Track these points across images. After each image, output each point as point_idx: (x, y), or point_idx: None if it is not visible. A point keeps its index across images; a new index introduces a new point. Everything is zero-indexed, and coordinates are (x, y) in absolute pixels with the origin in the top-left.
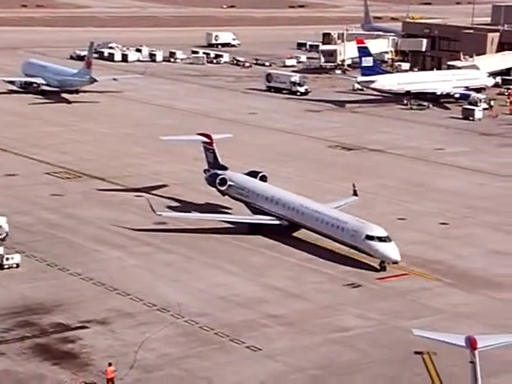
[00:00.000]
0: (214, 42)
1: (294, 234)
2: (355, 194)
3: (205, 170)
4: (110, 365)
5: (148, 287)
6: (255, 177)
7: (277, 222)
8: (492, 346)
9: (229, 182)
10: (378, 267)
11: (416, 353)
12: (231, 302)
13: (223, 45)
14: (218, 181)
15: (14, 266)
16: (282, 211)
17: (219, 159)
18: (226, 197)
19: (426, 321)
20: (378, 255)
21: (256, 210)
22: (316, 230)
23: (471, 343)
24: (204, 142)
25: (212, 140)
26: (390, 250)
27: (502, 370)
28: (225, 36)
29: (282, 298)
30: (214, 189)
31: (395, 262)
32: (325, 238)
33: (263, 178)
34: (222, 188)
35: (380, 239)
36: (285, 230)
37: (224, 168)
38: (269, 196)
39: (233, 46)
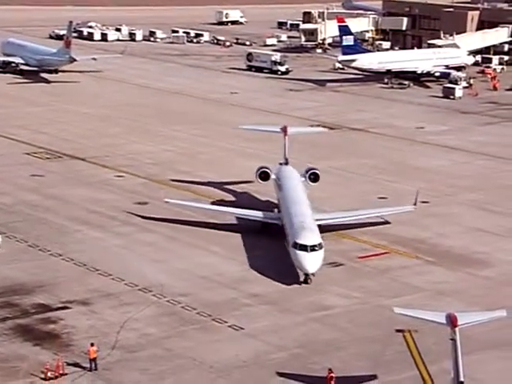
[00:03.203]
0: (224, 19)
1: None
2: (415, 203)
3: (280, 164)
4: (92, 345)
5: (130, 267)
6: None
7: (270, 221)
8: (472, 323)
9: (272, 177)
10: (302, 279)
11: (397, 331)
12: (213, 281)
13: (232, 22)
14: (259, 174)
15: None
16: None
17: (286, 152)
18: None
19: (407, 299)
20: (296, 264)
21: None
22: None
23: (452, 320)
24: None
25: (286, 133)
26: (306, 261)
27: (482, 346)
28: (234, 14)
29: (264, 278)
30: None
31: (312, 274)
32: None
33: (313, 176)
34: (264, 182)
35: (301, 248)
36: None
37: (286, 163)
38: (282, 196)
39: (240, 23)
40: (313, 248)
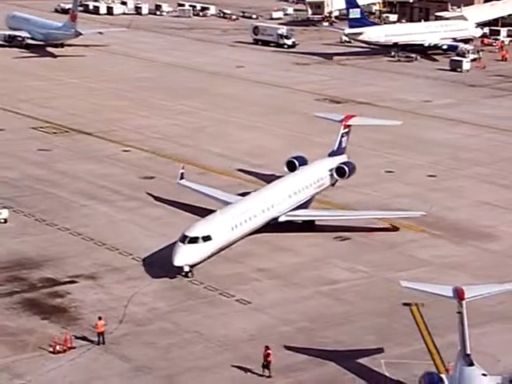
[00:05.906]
0: None
1: None
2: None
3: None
4: (100, 319)
5: (136, 241)
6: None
7: None
8: (479, 296)
9: (298, 168)
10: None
11: (404, 304)
12: (220, 255)
13: None
14: (286, 164)
15: (2, 221)
16: None
17: (336, 144)
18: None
19: (414, 272)
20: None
21: None
22: None
23: (459, 294)
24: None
25: (344, 123)
26: (176, 253)
27: (488, 319)
28: None
29: (271, 252)
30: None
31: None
32: None
33: (340, 171)
34: (290, 173)
35: (181, 238)
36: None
37: (330, 154)
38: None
39: None
40: (192, 240)
